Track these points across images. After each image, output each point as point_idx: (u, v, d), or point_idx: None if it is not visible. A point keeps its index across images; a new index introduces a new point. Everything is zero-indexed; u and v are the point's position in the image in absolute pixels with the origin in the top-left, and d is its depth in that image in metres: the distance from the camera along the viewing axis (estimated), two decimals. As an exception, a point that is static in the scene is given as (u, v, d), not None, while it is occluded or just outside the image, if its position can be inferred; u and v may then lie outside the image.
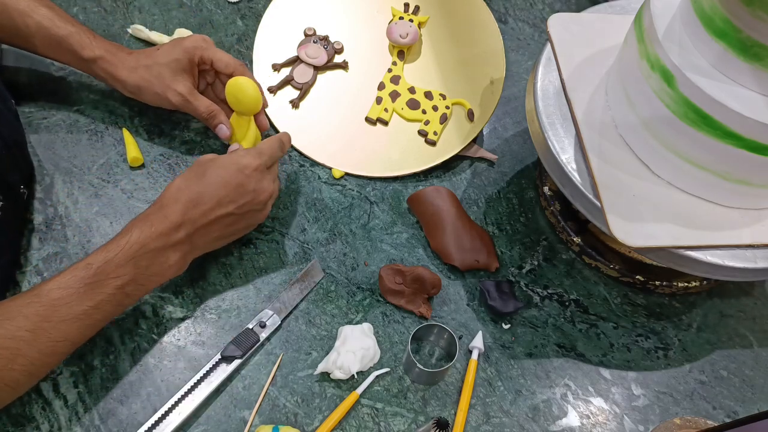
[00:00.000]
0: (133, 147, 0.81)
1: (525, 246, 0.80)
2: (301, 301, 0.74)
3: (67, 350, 0.61)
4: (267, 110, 0.85)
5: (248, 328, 0.70)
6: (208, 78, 0.81)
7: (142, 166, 0.81)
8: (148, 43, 0.90)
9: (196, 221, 0.66)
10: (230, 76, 0.78)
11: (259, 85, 0.77)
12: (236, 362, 0.68)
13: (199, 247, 0.69)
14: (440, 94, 0.86)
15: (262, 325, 0.71)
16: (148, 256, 0.64)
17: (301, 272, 0.75)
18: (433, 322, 0.72)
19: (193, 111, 0.78)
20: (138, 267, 0.63)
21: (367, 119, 0.86)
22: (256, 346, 0.70)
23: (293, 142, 0.84)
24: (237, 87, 0.74)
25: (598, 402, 0.72)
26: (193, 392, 0.66)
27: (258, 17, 0.93)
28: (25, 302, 0.59)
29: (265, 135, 0.83)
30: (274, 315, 0.72)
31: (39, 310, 0.59)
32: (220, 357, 0.68)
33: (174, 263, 0.66)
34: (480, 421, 0.69)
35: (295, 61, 0.88)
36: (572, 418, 0.70)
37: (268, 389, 0.68)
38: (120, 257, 0.62)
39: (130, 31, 0.90)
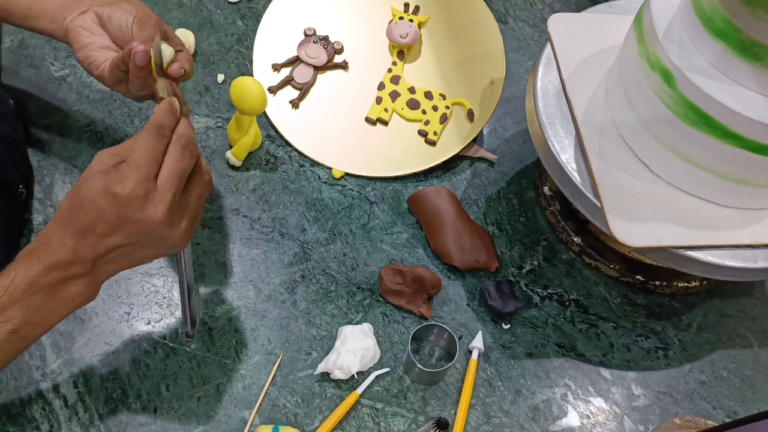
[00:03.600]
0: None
1: (525, 246, 0.80)
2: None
3: None
4: (267, 110, 0.85)
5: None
6: None
7: None
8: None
9: (88, 254, 0.56)
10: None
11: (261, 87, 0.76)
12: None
13: (105, 273, 0.59)
14: (440, 94, 0.86)
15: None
16: (40, 295, 0.56)
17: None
18: (433, 322, 0.72)
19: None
20: (29, 308, 0.55)
21: (367, 119, 0.86)
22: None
23: (293, 142, 0.84)
24: (242, 86, 0.74)
25: (598, 402, 0.72)
26: None
27: (258, 17, 0.93)
28: None
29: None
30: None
31: None
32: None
33: (78, 293, 0.57)
34: (480, 421, 0.69)
35: (295, 61, 0.88)
36: (572, 418, 0.70)
37: (268, 389, 0.68)
38: (4, 301, 0.54)
39: None
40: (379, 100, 0.86)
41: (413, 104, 0.86)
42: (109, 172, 0.55)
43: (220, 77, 0.89)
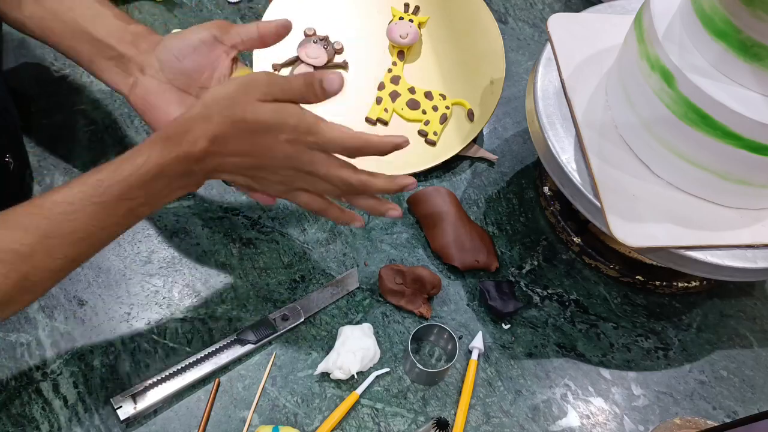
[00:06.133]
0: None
1: (525, 246, 0.80)
2: (330, 305, 0.74)
3: (66, 268, 0.57)
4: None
5: (267, 317, 0.70)
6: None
7: None
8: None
9: (215, 161, 0.60)
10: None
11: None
12: (249, 346, 0.69)
13: (216, 176, 0.62)
14: (440, 94, 0.86)
15: (285, 318, 0.71)
16: (164, 181, 0.58)
17: (339, 276, 0.75)
18: (433, 322, 0.72)
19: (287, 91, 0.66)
20: (152, 189, 0.58)
21: (367, 119, 0.86)
22: (272, 337, 0.70)
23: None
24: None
25: (598, 402, 0.72)
26: (200, 364, 0.67)
27: (258, 17, 0.93)
28: (26, 212, 0.56)
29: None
30: (300, 310, 0.72)
31: (40, 223, 0.55)
32: (234, 337, 0.69)
33: (193, 184, 0.62)
34: (480, 421, 0.69)
35: (295, 62, 0.88)
36: (572, 418, 0.70)
37: (264, 387, 0.68)
38: (134, 179, 0.57)
39: None
40: (379, 100, 0.86)
41: (413, 104, 0.86)
42: (281, 111, 0.59)
43: (220, 77, 0.88)
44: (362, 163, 0.86)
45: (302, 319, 0.71)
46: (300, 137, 0.60)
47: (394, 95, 0.86)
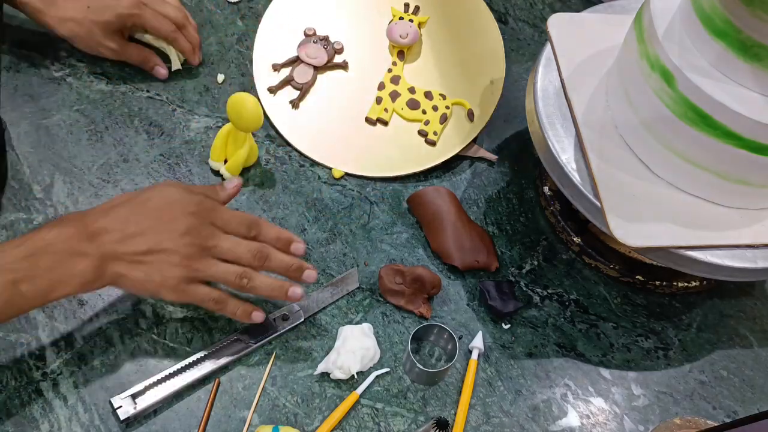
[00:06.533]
0: None
1: (525, 246, 0.80)
2: (330, 305, 0.73)
3: None
4: (267, 110, 0.85)
5: (267, 317, 0.70)
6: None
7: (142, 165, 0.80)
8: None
9: (111, 241, 0.59)
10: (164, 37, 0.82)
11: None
12: (249, 346, 0.69)
13: (111, 270, 0.60)
14: (440, 94, 0.86)
15: (285, 318, 0.71)
16: (51, 257, 0.57)
17: (339, 276, 0.75)
18: (433, 322, 0.72)
19: (126, 59, 0.82)
20: (38, 264, 0.56)
21: (367, 119, 0.86)
22: (272, 337, 0.70)
23: (293, 142, 0.84)
24: (239, 102, 0.74)
25: (598, 402, 0.72)
26: (200, 364, 0.67)
27: (258, 17, 0.93)
28: None
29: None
30: (300, 310, 0.72)
31: None
32: (234, 337, 0.69)
33: (79, 273, 0.58)
34: (480, 421, 0.69)
35: (295, 61, 0.88)
36: (572, 418, 0.70)
37: (264, 387, 0.68)
38: (21, 250, 0.56)
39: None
40: (379, 100, 0.86)
41: (413, 104, 0.86)
42: (187, 191, 0.63)
43: (220, 77, 0.89)
44: (361, 162, 0.86)
45: (302, 319, 0.71)
46: (203, 212, 0.63)
47: (394, 95, 0.86)
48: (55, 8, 0.76)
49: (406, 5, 0.92)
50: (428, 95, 0.86)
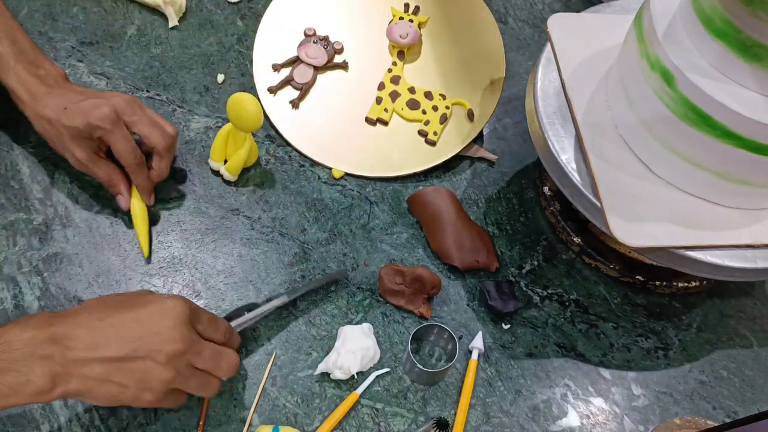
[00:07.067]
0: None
1: (525, 246, 0.81)
2: (312, 290, 0.74)
3: None
4: (267, 110, 0.85)
5: (253, 302, 0.71)
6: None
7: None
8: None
9: (72, 349, 0.55)
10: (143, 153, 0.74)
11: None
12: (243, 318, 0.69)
13: (65, 382, 0.55)
14: (440, 94, 0.86)
15: (269, 299, 0.72)
16: (6, 357, 0.53)
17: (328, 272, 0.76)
18: (433, 322, 0.72)
19: (92, 174, 0.74)
20: None
21: (367, 119, 0.86)
22: (257, 314, 0.69)
23: (293, 142, 0.84)
24: (239, 102, 0.74)
25: (598, 402, 0.72)
26: None
27: (258, 17, 0.93)
28: None
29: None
30: (284, 295, 0.72)
31: None
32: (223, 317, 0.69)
33: (35, 380, 0.54)
34: (480, 421, 0.69)
35: (295, 62, 0.89)
36: (572, 418, 0.70)
37: (264, 386, 0.68)
38: None
39: None
40: (379, 100, 0.86)
41: (413, 104, 0.86)
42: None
43: (220, 77, 0.89)
44: (361, 162, 0.86)
45: (286, 299, 0.71)
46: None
47: (394, 95, 0.86)
48: (36, 103, 0.72)
49: (406, 5, 0.92)
50: (428, 95, 0.86)
